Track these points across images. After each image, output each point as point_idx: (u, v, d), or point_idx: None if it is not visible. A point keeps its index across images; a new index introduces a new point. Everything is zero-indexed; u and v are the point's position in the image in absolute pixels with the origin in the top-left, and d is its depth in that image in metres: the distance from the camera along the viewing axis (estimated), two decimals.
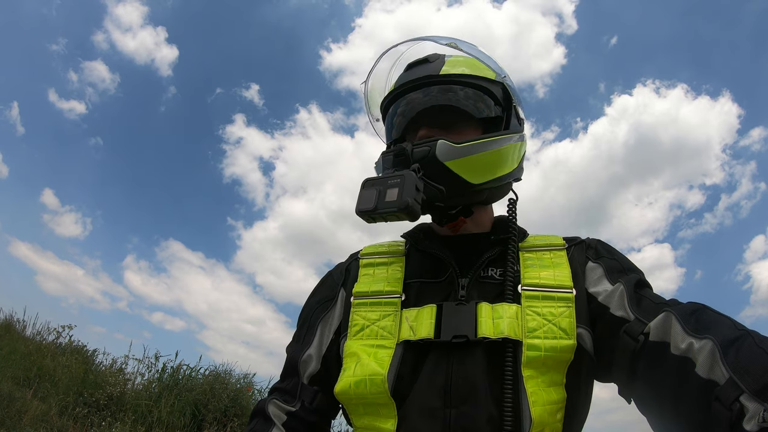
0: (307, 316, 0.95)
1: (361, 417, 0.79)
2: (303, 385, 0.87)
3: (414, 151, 0.82)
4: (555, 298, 0.79)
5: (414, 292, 0.85)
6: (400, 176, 0.78)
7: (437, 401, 0.73)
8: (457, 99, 0.90)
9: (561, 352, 0.74)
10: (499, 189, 0.92)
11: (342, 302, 0.92)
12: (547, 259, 0.86)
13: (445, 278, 0.86)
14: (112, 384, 4.77)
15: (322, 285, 1.00)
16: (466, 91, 0.90)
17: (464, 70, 0.91)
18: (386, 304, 0.84)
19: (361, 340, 0.82)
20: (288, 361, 0.92)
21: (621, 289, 0.77)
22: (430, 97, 0.90)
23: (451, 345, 0.76)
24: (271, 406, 0.85)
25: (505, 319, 0.76)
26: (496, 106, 0.91)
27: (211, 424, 4.75)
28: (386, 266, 0.92)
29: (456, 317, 0.78)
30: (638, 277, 0.80)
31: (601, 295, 0.79)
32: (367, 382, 0.76)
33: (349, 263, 0.98)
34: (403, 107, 0.92)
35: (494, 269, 0.86)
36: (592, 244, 0.90)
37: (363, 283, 0.90)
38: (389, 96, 0.96)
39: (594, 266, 0.84)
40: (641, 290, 0.78)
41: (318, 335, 0.90)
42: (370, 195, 0.79)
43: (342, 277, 0.96)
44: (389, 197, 0.77)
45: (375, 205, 0.78)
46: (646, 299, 0.75)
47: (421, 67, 0.93)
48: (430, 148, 0.82)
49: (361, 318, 0.84)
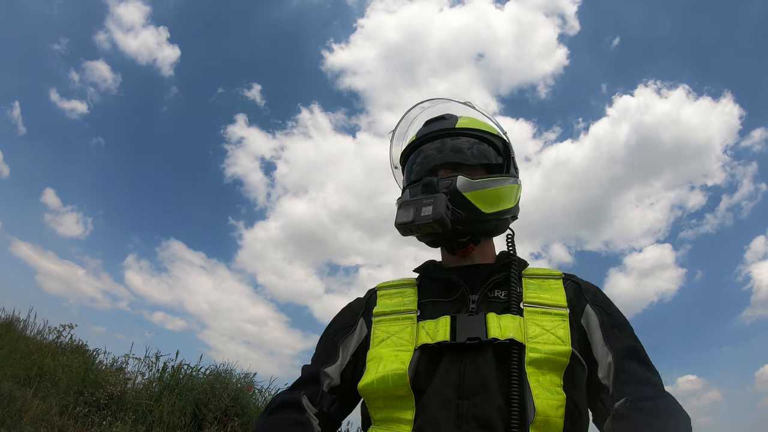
0: (329, 338, 1.05)
1: (380, 410, 0.88)
2: (323, 392, 0.96)
3: (439, 183, 0.99)
4: (552, 314, 0.92)
5: (429, 309, 0.97)
6: (433, 197, 0.96)
7: (451, 394, 0.82)
8: (469, 145, 1.08)
9: (558, 355, 0.84)
10: (502, 222, 1.07)
11: (360, 329, 1.03)
12: (546, 285, 0.99)
13: (457, 297, 0.98)
14: (113, 383, 4.76)
15: (342, 314, 1.10)
16: (474, 141, 1.08)
17: (475, 125, 1.10)
18: (404, 319, 0.97)
19: (383, 348, 0.93)
20: (309, 372, 1.00)
21: (609, 361, 0.88)
22: (446, 145, 1.07)
23: (464, 347, 0.86)
24: (304, 400, 0.92)
25: (510, 327, 0.87)
26: (498, 156, 1.10)
27: (211, 424, 4.74)
28: (401, 295, 1.04)
29: (469, 324, 0.89)
30: (627, 345, 0.90)
31: (594, 350, 0.91)
32: (389, 377, 0.86)
33: (369, 296, 1.10)
34: (424, 154, 1.10)
35: (500, 291, 0.97)
36: (590, 288, 1.00)
37: (382, 305, 1.03)
38: (411, 145, 1.13)
39: (592, 313, 0.94)
40: (627, 362, 0.87)
41: (340, 355, 1.00)
42: (408, 211, 0.96)
43: (362, 308, 1.07)
44: (424, 213, 0.94)
45: (413, 218, 0.95)
46: (627, 374, 0.85)
47: (438, 122, 1.11)
48: (452, 181, 0.99)
49: (382, 332, 0.96)
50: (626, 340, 0.90)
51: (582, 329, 0.93)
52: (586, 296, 0.97)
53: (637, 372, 0.86)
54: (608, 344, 0.89)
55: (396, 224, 0.97)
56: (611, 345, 0.89)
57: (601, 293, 1.01)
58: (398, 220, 0.97)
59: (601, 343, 0.90)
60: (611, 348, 0.88)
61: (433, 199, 0.95)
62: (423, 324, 0.93)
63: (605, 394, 0.86)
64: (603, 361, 0.88)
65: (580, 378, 0.87)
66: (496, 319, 0.89)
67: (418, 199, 0.97)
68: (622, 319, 0.96)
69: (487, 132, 1.10)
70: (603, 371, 0.88)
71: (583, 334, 0.92)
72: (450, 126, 1.09)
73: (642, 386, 0.83)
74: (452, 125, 1.09)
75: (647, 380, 0.85)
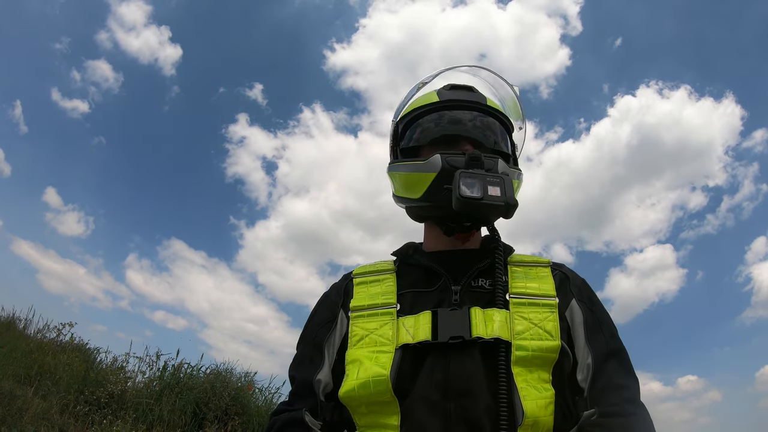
0: (311, 338, 0.98)
1: (363, 416, 0.83)
2: (322, 402, 0.90)
3: (484, 160, 0.91)
4: (540, 305, 0.87)
5: (408, 302, 0.91)
6: (500, 177, 0.88)
7: (437, 395, 0.79)
8: (496, 129, 1.03)
9: (546, 352, 0.81)
10: None
11: (341, 322, 0.96)
12: (533, 273, 0.94)
13: (438, 287, 0.92)
14: (113, 382, 4.76)
15: (320, 306, 1.04)
16: (500, 125, 1.04)
17: (500, 108, 1.05)
18: (383, 314, 0.89)
19: (361, 348, 0.87)
20: (300, 382, 0.94)
21: (588, 363, 0.85)
22: (477, 120, 1.01)
23: (448, 346, 0.82)
24: (307, 416, 0.87)
25: (496, 323, 0.83)
26: (509, 146, 1.05)
27: (212, 423, 4.74)
28: (379, 282, 0.97)
29: (451, 321, 0.84)
30: (608, 347, 0.87)
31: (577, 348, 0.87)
32: (371, 383, 0.80)
33: (345, 284, 1.02)
34: (454, 119, 1.01)
35: (484, 280, 0.92)
36: (577, 282, 0.96)
37: (359, 299, 0.95)
38: (433, 105, 1.02)
39: (577, 309, 0.91)
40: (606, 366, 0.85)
41: (326, 356, 0.94)
42: (474, 186, 0.85)
43: (341, 299, 0.99)
44: (492, 192, 0.85)
45: (482, 195, 0.85)
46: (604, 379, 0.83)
47: (467, 92, 1.04)
48: (495, 162, 0.92)
49: (360, 329, 0.89)
50: (608, 342, 0.87)
51: (566, 323, 0.88)
52: (573, 290, 0.93)
53: (614, 377, 0.83)
54: (589, 345, 0.86)
55: (459, 197, 0.84)
56: (592, 346, 0.86)
57: (586, 287, 0.97)
58: (464, 192, 0.84)
59: (583, 343, 0.87)
60: (591, 349, 0.86)
61: (500, 179, 0.87)
62: (403, 320, 0.87)
63: (579, 396, 0.83)
64: (582, 361, 0.85)
65: (568, 372, 0.85)
66: (480, 314, 0.84)
67: (481, 175, 0.87)
68: (605, 318, 0.93)
69: (508, 120, 1.06)
70: (582, 373, 0.85)
71: (567, 327, 0.88)
72: (481, 101, 1.02)
73: (615, 394, 0.81)
74: (483, 101, 1.02)
75: (622, 387, 0.82)
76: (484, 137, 1.00)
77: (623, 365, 0.86)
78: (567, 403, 0.83)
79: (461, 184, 0.85)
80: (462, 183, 0.85)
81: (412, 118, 1.04)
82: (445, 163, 0.91)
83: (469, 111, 1.00)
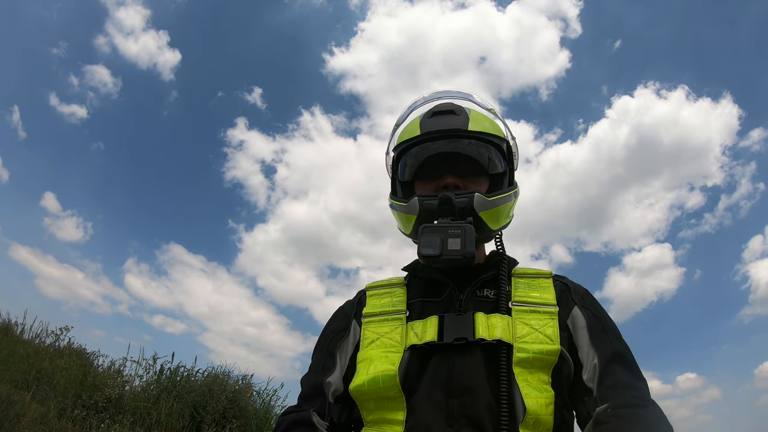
0: (325, 345, 1.04)
1: (371, 412, 0.88)
2: (330, 404, 0.95)
3: (456, 201, 0.95)
4: (540, 312, 0.91)
5: (417, 309, 0.97)
6: (461, 228, 0.91)
7: (440, 393, 0.84)
8: (480, 155, 1.03)
9: (546, 354, 0.85)
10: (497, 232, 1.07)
11: (354, 331, 1.02)
12: (535, 284, 0.99)
13: (445, 296, 0.98)
14: (111, 386, 4.76)
15: (335, 318, 1.10)
16: (485, 147, 1.03)
17: (486, 127, 1.04)
18: (393, 320, 0.96)
19: (373, 349, 0.93)
20: (311, 385, 0.98)
21: (595, 363, 0.87)
22: (458, 148, 1.02)
23: (452, 347, 0.87)
24: (314, 416, 0.91)
25: (498, 327, 0.88)
26: (504, 162, 1.06)
27: (209, 426, 4.75)
28: (390, 294, 1.03)
29: (456, 324, 0.89)
30: (614, 349, 0.89)
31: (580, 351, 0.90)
32: (380, 379, 0.86)
33: (359, 298, 1.09)
34: (432, 155, 1.03)
35: (488, 290, 0.98)
36: (579, 291, 0.99)
37: (371, 306, 1.02)
38: (416, 138, 1.03)
39: (579, 315, 0.94)
40: (613, 366, 0.86)
41: (338, 362, 0.99)
42: (434, 241, 0.91)
43: (353, 310, 1.06)
44: (452, 246, 0.90)
45: (440, 251, 0.90)
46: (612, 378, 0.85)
47: (447, 117, 1.03)
48: (469, 199, 0.96)
49: (372, 332, 0.96)
50: (614, 345, 0.89)
51: (568, 330, 0.92)
52: (575, 298, 0.97)
53: (623, 377, 0.85)
54: (594, 347, 0.88)
55: (420, 255, 0.92)
56: (598, 348, 0.88)
57: (589, 296, 1.00)
58: (423, 251, 0.91)
59: (588, 346, 0.89)
60: (597, 351, 0.87)
61: (461, 230, 0.91)
62: (412, 324, 0.93)
63: (589, 396, 0.85)
64: (588, 363, 0.87)
65: (567, 376, 0.88)
66: (484, 318, 0.89)
67: (443, 227, 0.92)
68: (610, 323, 0.95)
69: (497, 137, 1.04)
70: (588, 373, 0.87)
71: (569, 335, 0.91)
72: (462, 126, 1.01)
73: (626, 392, 0.82)
74: (464, 125, 1.01)
75: (632, 386, 0.84)
76: (468, 169, 1.03)
77: (630, 368, 0.88)
78: (566, 405, 0.86)
79: (421, 242, 0.92)
80: (422, 242, 0.92)
81: (400, 151, 1.09)
82: (422, 207, 0.99)
83: (450, 140, 1.02)
